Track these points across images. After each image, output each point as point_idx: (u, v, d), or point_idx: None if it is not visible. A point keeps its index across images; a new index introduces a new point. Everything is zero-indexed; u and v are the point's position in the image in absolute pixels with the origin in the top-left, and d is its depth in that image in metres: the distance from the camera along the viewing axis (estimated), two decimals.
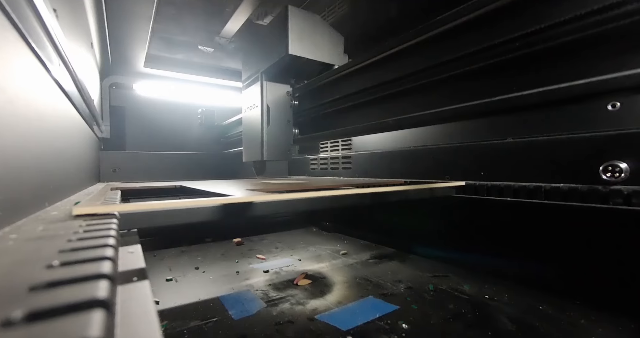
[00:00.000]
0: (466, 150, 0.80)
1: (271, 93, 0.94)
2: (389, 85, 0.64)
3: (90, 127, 0.87)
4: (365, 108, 0.71)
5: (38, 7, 0.34)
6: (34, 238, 0.22)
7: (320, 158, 1.37)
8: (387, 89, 0.64)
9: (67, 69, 0.51)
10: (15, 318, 0.10)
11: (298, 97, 0.95)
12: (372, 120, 0.69)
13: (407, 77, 0.60)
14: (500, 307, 0.60)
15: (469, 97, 0.49)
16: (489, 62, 0.47)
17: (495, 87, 0.47)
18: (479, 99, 0.49)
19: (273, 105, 0.94)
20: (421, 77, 0.57)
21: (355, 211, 1.20)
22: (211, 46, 1.15)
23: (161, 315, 0.58)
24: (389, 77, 0.63)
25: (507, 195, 0.69)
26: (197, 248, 1.09)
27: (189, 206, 0.40)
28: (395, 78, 0.62)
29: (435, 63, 0.54)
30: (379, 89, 0.66)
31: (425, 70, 0.56)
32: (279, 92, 0.95)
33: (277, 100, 0.94)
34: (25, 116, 0.34)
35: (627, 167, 0.54)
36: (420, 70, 0.57)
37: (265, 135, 0.93)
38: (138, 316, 0.15)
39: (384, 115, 0.66)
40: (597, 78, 0.37)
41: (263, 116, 0.93)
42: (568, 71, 0.41)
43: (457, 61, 0.51)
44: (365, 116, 0.71)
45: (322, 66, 0.92)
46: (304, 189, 0.56)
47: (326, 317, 0.57)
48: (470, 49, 0.48)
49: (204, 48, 1.15)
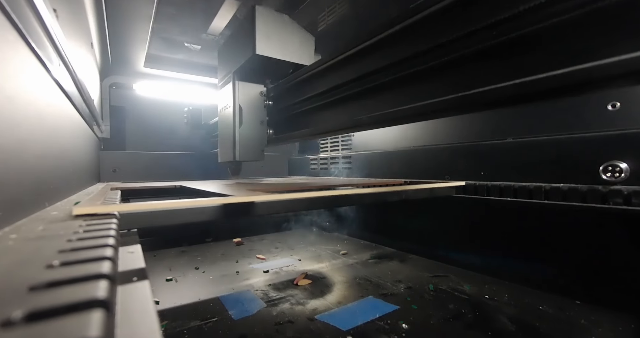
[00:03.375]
0: (466, 150, 0.80)
1: (244, 93, 0.92)
2: (362, 81, 0.60)
3: (90, 127, 0.87)
4: (339, 106, 0.68)
5: (38, 7, 0.34)
6: (34, 238, 0.22)
7: (320, 158, 1.37)
8: (360, 84, 0.60)
9: (67, 69, 0.51)
10: (15, 318, 0.11)
11: (273, 97, 0.94)
12: (345, 117, 0.66)
13: (380, 71, 0.56)
14: (500, 307, 0.60)
15: (451, 89, 0.46)
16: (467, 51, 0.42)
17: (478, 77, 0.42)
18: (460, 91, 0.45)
19: (246, 106, 0.92)
20: (396, 70, 0.53)
21: (356, 211, 1.20)
22: (198, 43, 1.13)
23: (161, 315, 0.58)
24: (360, 72, 0.59)
25: (507, 195, 0.69)
26: (197, 248, 1.09)
27: (189, 206, 0.40)
28: (367, 73, 0.58)
29: (410, 54, 0.49)
30: (351, 85, 0.62)
31: (400, 63, 0.52)
32: (252, 92, 0.93)
33: (250, 101, 0.93)
34: (25, 116, 0.34)
35: (627, 167, 0.54)
36: (394, 64, 0.53)
37: (238, 135, 0.91)
38: (138, 316, 0.15)
39: (358, 113, 0.63)
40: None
41: (235, 117, 0.91)
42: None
43: (434, 51, 0.46)
44: (340, 114, 0.68)
45: (293, 67, 0.91)
46: (304, 189, 0.56)
47: (326, 317, 0.57)
48: (446, 37, 0.44)
49: (191, 45, 1.14)
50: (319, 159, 1.38)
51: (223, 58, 1.04)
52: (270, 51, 0.85)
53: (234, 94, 0.92)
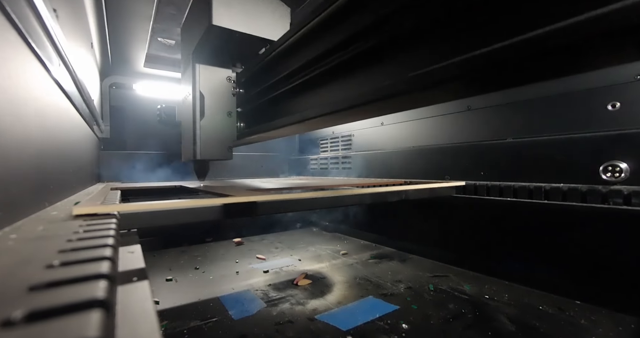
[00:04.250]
0: (466, 150, 0.80)
1: (206, 79, 0.76)
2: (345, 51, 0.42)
3: (90, 127, 0.87)
4: (321, 86, 0.50)
5: (38, 7, 0.34)
6: (34, 238, 0.22)
7: (320, 158, 1.37)
8: (344, 54, 0.42)
9: (67, 69, 0.50)
10: (15, 318, 0.11)
11: (243, 84, 0.76)
12: (328, 100, 0.48)
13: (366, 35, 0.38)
14: (500, 307, 0.60)
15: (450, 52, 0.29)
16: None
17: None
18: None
19: (209, 93, 0.76)
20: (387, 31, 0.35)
21: (356, 211, 1.20)
22: (172, 38, 1.09)
23: (161, 315, 0.58)
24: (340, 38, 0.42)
25: (507, 195, 0.69)
26: (197, 248, 1.09)
27: (189, 206, 0.40)
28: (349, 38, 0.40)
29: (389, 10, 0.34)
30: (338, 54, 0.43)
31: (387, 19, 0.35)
32: (216, 77, 0.77)
33: (214, 88, 0.77)
34: (25, 116, 0.34)
35: (627, 167, 0.54)
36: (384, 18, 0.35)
37: (199, 129, 0.76)
38: (138, 316, 0.15)
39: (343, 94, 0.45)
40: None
41: (196, 107, 0.76)
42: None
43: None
44: (323, 96, 0.50)
45: (265, 44, 0.74)
46: (304, 189, 0.56)
47: (326, 317, 0.57)
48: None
49: (165, 40, 1.09)
50: (319, 159, 1.38)
51: (183, 38, 0.88)
52: (231, 22, 0.69)
53: (193, 79, 0.77)
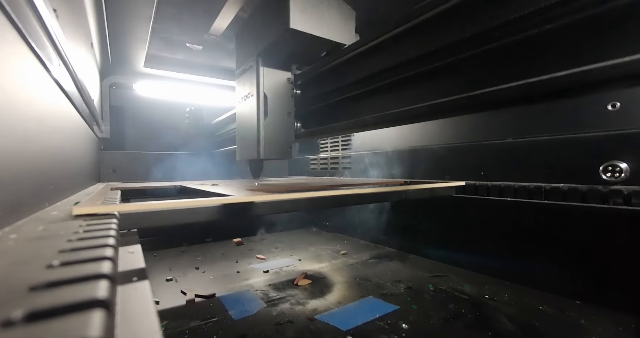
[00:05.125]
0: (466, 150, 0.80)
1: (269, 80, 0.81)
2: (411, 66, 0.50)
3: (90, 127, 0.87)
4: (380, 95, 0.57)
5: (38, 7, 0.34)
6: (34, 238, 0.22)
7: (320, 158, 1.37)
8: (408, 70, 0.51)
9: (67, 69, 0.50)
10: (15, 318, 0.11)
11: (300, 86, 0.82)
12: (388, 109, 0.55)
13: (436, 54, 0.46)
14: (500, 307, 0.60)
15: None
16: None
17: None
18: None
19: (271, 95, 0.81)
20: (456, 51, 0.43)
21: (356, 211, 1.20)
22: (200, 43, 1.13)
23: (161, 315, 0.58)
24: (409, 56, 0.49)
25: (507, 195, 0.69)
26: (197, 248, 1.09)
27: (189, 206, 0.40)
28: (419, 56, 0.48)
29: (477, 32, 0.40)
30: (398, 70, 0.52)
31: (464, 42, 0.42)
32: (278, 79, 0.82)
33: (276, 89, 0.82)
34: (25, 116, 0.34)
35: (627, 167, 0.54)
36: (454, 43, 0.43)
37: (263, 129, 0.79)
38: (138, 316, 0.15)
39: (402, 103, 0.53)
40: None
41: (260, 107, 0.80)
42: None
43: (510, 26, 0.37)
44: (380, 105, 0.57)
45: (329, 47, 0.78)
46: (304, 189, 0.56)
47: (326, 317, 0.57)
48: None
49: (193, 46, 1.13)
50: (319, 159, 1.38)
51: (244, 40, 0.92)
52: (306, 25, 0.71)
53: (257, 81, 0.80)
